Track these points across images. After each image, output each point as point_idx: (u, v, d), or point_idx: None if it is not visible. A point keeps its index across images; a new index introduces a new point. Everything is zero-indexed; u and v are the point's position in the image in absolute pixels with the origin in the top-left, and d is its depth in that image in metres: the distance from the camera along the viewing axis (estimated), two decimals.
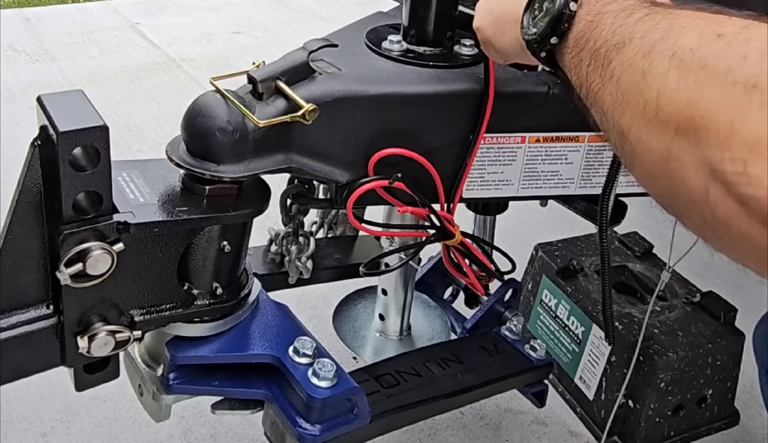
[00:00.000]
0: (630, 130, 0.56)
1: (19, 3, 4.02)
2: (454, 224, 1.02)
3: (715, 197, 0.48)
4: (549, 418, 1.53)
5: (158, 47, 3.38)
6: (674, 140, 0.51)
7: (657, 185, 0.57)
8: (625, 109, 0.56)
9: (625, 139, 0.57)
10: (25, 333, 0.79)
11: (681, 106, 0.50)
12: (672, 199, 0.55)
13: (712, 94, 0.48)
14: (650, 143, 0.53)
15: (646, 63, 0.54)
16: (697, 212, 0.52)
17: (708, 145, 0.48)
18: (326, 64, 0.93)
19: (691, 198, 0.51)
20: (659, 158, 0.53)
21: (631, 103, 0.55)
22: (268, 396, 0.93)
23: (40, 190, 0.76)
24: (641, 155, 0.56)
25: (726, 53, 0.49)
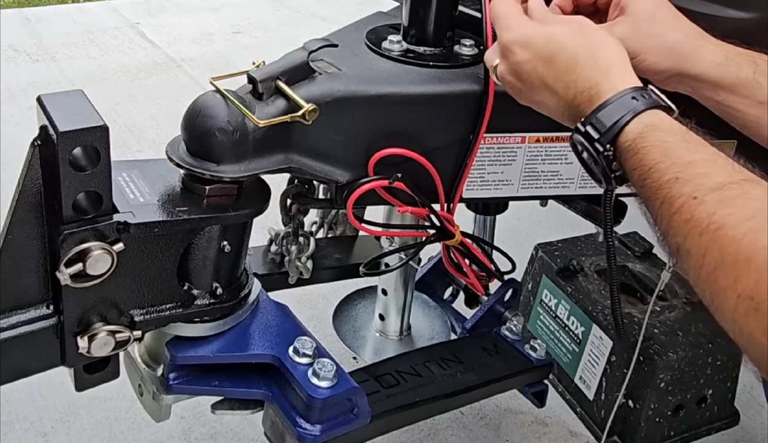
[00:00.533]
0: (711, 284, 0.62)
1: (19, 3, 4.02)
2: (454, 224, 1.02)
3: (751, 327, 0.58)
4: (549, 418, 1.53)
5: (158, 47, 3.38)
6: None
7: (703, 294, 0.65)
8: (715, 276, 0.61)
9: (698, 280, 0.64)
10: (25, 332, 0.79)
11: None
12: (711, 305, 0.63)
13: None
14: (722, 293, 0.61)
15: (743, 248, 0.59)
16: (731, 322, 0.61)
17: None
18: (326, 64, 0.93)
19: (730, 317, 0.61)
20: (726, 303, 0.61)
21: (721, 275, 0.61)
22: (268, 396, 0.93)
23: (40, 190, 0.76)
24: (705, 287, 0.63)
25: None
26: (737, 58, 0.85)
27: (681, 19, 0.87)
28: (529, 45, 0.80)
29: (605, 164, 0.73)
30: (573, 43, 0.78)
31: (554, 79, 0.78)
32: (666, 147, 0.69)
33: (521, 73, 0.81)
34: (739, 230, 0.59)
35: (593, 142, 0.73)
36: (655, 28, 0.86)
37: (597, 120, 0.73)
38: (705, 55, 0.85)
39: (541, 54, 0.79)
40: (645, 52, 0.86)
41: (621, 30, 0.87)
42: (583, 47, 0.77)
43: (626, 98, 0.73)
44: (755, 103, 0.85)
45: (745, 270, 0.58)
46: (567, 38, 0.78)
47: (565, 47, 0.78)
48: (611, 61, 0.77)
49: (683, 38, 0.86)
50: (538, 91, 0.81)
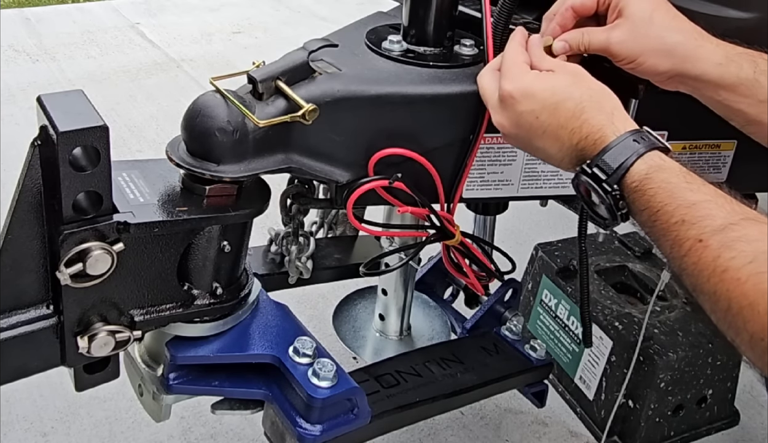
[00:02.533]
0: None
1: (19, 3, 4.02)
2: (454, 224, 1.02)
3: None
4: (549, 418, 1.53)
5: (158, 47, 3.38)
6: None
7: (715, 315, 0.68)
8: (728, 318, 0.65)
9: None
10: (25, 332, 0.79)
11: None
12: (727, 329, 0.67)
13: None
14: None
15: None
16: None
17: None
18: (326, 64, 0.93)
19: (750, 354, 0.64)
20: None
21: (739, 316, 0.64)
22: (268, 396, 0.93)
23: (40, 190, 0.76)
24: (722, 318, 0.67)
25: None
26: (737, 57, 0.85)
27: (680, 20, 0.87)
28: (534, 95, 0.82)
29: (612, 203, 0.76)
30: (578, 92, 0.80)
31: (558, 126, 0.80)
32: (671, 189, 0.72)
33: (522, 124, 0.83)
34: (743, 274, 0.63)
35: (601, 183, 0.76)
36: (653, 30, 0.86)
37: (603, 162, 0.76)
38: (705, 55, 0.85)
39: (546, 103, 0.81)
40: (644, 54, 0.86)
41: (619, 33, 0.87)
42: (587, 95, 0.80)
43: (629, 141, 0.76)
44: (756, 101, 0.85)
45: (751, 315, 0.62)
46: (570, 87, 0.81)
47: (570, 96, 0.80)
48: (613, 107, 0.80)
49: (683, 39, 0.86)
50: (539, 139, 0.82)
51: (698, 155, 1.07)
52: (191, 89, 2.46)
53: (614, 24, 0.88)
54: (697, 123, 1.03)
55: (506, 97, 0.83)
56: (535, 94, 0.82)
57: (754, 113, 0.86)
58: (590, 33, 0.89)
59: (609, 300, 1.49)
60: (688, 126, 1.04)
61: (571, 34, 0.90)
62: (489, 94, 0.87)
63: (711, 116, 0.91)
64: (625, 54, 0.87)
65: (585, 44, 0.89)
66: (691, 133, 1.05)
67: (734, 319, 0.64)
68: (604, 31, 0.88)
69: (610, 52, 0.88)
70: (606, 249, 1.65)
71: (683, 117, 1.01)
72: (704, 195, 0.70)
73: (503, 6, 0.98)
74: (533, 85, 0.82)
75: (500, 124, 0.85)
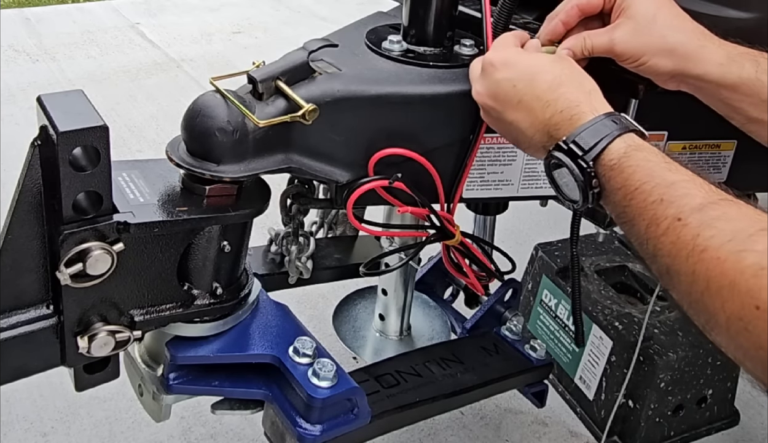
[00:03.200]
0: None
1: (19, 3, 4.02)
2: (454, 224, 1.02)
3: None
4: (549, 418, 1.53)
5: (158, 47, 3.38)
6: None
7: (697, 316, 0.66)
8: (704, 299, 0.63)
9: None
10: (25, 332, 0.79)
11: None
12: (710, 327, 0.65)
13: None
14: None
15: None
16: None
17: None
18: (326, 64, 0.93)
19: (724, 338, 0.63)
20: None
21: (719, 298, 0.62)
22: (268, 396, 0.93)
23: (40, 190, 0.76)
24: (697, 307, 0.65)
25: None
26: (739, 57, 0.85)
27: (683, 20, 0.87)
28: (514, 65, 0.83)
29: (585, 181, 0.75)
30: (558, 68, 0.82)
31: (533, 97, 0.80)
32: (650, 167, 0.71)
33: (498, 92, 0.83)
34: (722, 252, 0.62)
35: (576, 158, 0.75)
36: (656, 30, 0.86)
37: (581, 138, 0.75)
38: (707, 55, 0.85)
39: (524, 73, 0.82)
40: (647, 53, 0.86)
41: (622, 32, 0.87)
42: (567, 72, 0.81)
43: (607, 120, 0.76)
44: (757, 101, 0.85)
45: (729, 294, 0.60)
46: (551, 63, 0.82)
47: (550, 70, 0.81)
48: (591, 88, 0.80)
49: (685, 39, 0.86)
50: (513, 109, 0.82)
51: (698, 155, 1.07)
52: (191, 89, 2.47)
53: (617, 23, 0.88)
54: (697, 123, 1.03)
55: (487, 65, 0.85)
56: (516, 64, 0.83)
57: (755, 111, 0.86)
58: (592, 36, 0.89)
59: (609, 300, 1.49)
60: (688, 126, 1.04)
61: (573, 41, 0.90)
62: (473, 67, 0.89)
63: (711, 116, 0.91)
64: (629, 53, 0.87)
65: (588, 48, 0.89)
66: (691, 133, 1.05)
67: (712, 300, 0.62)
68: (607, 32, 0.88)
69: (613, 52, 0.88)
70: (606, 249, 1.65)
71: (683, 117, 1.01)
72: (683, 175, 0.70)
73: (503, 6, 0.98)
74: (515, 57, 0.84)
75: (478, 92, 0.86)
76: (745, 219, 0.63)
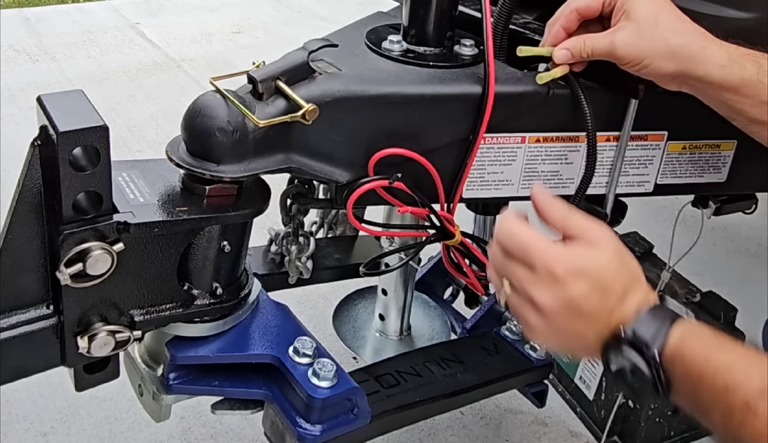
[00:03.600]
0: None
1: (19, 3, 4.02)
2: (454, 224, 1.02)
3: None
4: (549, 418, 1.53)
5: (158, 47, 3.38)
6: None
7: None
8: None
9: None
10: (25, 332, 0.79)
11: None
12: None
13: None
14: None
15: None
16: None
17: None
18: (326, 64, 0.93)
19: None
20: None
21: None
22: (268, 396, 0.93)
23: (40, 190, 0.76)
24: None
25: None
26: (741, 59, 0.85)
27: (684, 22, 0.87)
28: (584, 275, 0.73)
29: (656, 375, 0.70)
30: (617, 269, 0.74)
31: (605, 310, 0.73)
32: (706, 353, 0.69)
33: (573, 307, 0.73)
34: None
35: (643, 353, 0.71)
36: (658, 32, 0.86)
37: (637, 333, 0.71)
38: (709, 57, 0.85)
39: (596, 284, 0.73)
40: (649, 56, 0.86)
41: (624, 35, 0.87)
42: (627, 274, 0.75)
43: (657, 311, 0.72)
44: (758, 102, 0.85)
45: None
46: (610, 268, 0.74)
47: (615, 276, 0.74)
48: (626, 287, 0.74)
49: (687, 41, 0.86)
50: (579, 319, 0.74)
51: (698, 154, 1.07)
52: (191, 89, 2.46)
53: (618, 27, 0.88)
54: (697, 123, 1.03)
55: (559, 279, 0.73)
56: (585, 273, 0.73)
57: (756, 113, 0.86)
58: (592, 39, 0.89)
59: None
60: (688, 126, 1.04)
61: (572, 42, 0.90)
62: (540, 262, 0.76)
63: (711, 116, 0.91)
64: (630, 57, 0.87)
65: (587, 51, 0.89)
66: (691, 133, 1.05)
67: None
68: (607, 36, 0.88)
69: (614, 56, 0.88)
70: None
71: (683, 117, 1.01)
72: (738, 354, 0.68)
73: (503, 6, 0.98)
74: (582, 262, 0.74)
75: (544, 303, 0.74)
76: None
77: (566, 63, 0.91)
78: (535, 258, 0.74)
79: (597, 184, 1.04)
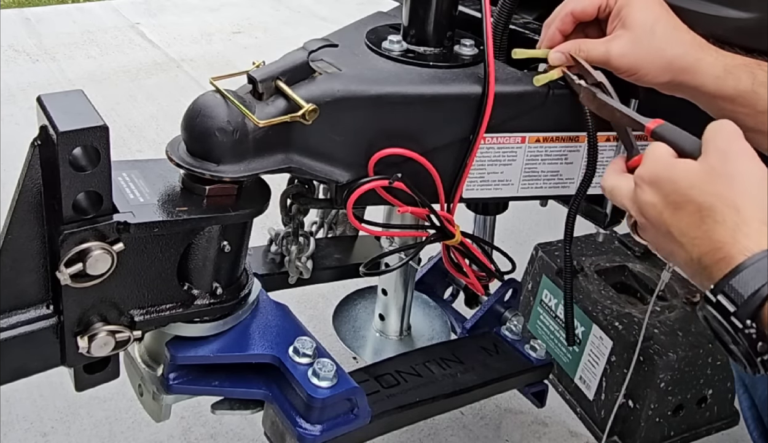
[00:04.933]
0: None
1: (19, 3, 4.02)
2: (454, 224, 1.02)
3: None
4: (549, 418, 1.53)
5: (158, 47, 3.38)
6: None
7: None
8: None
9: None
10: (25, 332, 0.79)
11: None
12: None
13: None
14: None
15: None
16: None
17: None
18: (326, 64, 0.93)
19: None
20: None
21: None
22: (268, 396, 0.93)
23: (40, 190, 0.76)
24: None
25: None
26: (736, 69, 0.85)
27: (680, 31, 0.87)
28: (659, 185, 0.69)
29: (747, 345, 0.60)
30: (702, 193, 0.66)
31: (680, 232, 0.67)
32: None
33: (649, 216, 0.71)
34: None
35: (728, 316, 0.61)
36: (654, 42, 0.86)
37: (731, 288, 0.61)
38: (704, 68, 0.85)
39: (669, 199, 0.68)
40: (644, 67, 0.86)
41: (620, 44, 0.86)
42: (711, 198, 0.65)
43: (760, 264, 0.60)
44: (754, 112, 0.85)
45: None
46: (695, 185, 0.67)
47: (692, 198, 0.66)
48: (742, 218, 0.64)
49: (682, 52, 0.86)
50: (665, 239, 0.70)
51: None
52: (191, 89, 2.47)
53: (614, 35, 0.88)
54: (697, 123, 1.03)
55: (637, 178, 0.73)
56: (661, 185, 0.69)
57: (751, 122, 0.86)
58: (588, 45, 0.89)
59: (609, 300, 1.49)
60: (688, 126, 1.04)
61: (568, 46, 0.90)
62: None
63: (711, 116, 0.91)
64: (625, 67, 0.87)
65: (582, 56, 0.89)
66: (691, 132, 1.05)
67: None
68: (603, 43, 0.88)
69: (609, 65, 0.88)
70: (606, 249, 1.65)
71: (683, 117, 1.01)
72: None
73: (503, 6, 0.98)
74: (659, 175, 0.70)
75: (630, 208, 0.73)
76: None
77: (562, 66, 0.91)
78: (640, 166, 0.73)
79: (597, 184, 1.04)
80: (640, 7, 0.87)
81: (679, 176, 0.68)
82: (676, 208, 0.67)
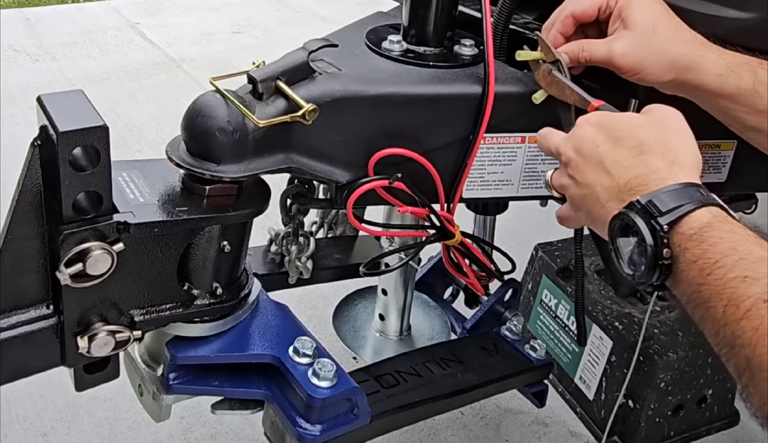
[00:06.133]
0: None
1: (19, 3, 4.02)
2: (454, 224, 1.02)
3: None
4: (549, 418, 1.53)
5: (158, 47, 3.38)
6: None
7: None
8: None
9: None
10: (25, 332, 0.79)
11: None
12: None
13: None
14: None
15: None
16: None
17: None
18: (326, 64, 0.93)
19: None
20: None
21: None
22: (268, 396, 0.93)
23: (40, 190, 0.76)
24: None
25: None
26: (738, 68, 0.85)
27: (682, 30, 0.87)
28: (602, 125, 0.77)
29: (655, 247, 0.66)
30: (645, 133, 0.74)
31: (612, 162, 0.74)
32: (735, 240, 0.63)
33: (582, 149, 0.77)
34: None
35: (650, 218, 0.67)
36: (656, 42, 0.86)
37: (659, 199, 0.67)
38: (707, 66, 0.85)
39: (609, 135, 0.75)
40: (647, 66, 0.86)
41: (622, 45, 0.87)
42: (655, 139, 0.73)
43: (691, 189, 0.68)
44: (754, 111, 0.85)
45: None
46: (639, 127, 0.75)
47: (636, 135, 0.74)
48: (679, 159, 0.72)
49: (685, 51, 0.86)
50: (592, 170, 0.75)
51: None
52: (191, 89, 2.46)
53: (617, 35, 0.88)
54: (697, 123, 1.02)
55: (582, 121, 0.80)
56: (604, 125, 0.77)
57: (752, 121, 0.86)
58: (590, 45, 0.89)
59: (609, 300, 1.49)
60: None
61: (570, 47, 0.90)
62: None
63: (711, 117, 0.91)
64: (628, 67, 0.87)
65: (585, 57, 0.89)
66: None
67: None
68: (605, 44, 0.88)
69: (612, 65, 0.88)
70: None
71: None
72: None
73: (503, 6, 0.98)
74: (607, 117, 0.78)
75: (563, 145, 0.80)
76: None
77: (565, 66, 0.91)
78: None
79: None
80: (641, 7, 0.87)
81: (626, 119, 0.77)
82: (616, 142, 0.75)
